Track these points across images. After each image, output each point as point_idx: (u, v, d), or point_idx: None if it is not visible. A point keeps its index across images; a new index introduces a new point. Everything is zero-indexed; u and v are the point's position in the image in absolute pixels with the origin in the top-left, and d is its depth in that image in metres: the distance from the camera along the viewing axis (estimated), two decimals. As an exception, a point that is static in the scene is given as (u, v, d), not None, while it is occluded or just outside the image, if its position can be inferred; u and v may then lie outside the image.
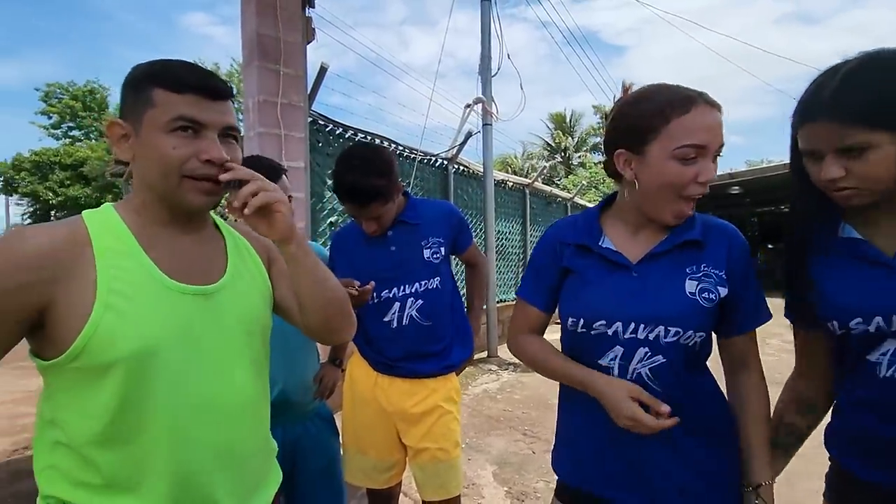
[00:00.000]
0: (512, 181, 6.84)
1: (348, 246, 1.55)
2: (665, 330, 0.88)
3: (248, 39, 3.04)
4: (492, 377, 4.81)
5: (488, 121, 5.29)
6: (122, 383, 0.69)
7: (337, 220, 3.79)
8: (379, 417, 1.50)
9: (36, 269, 0.66)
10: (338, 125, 3.85)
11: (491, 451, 3.01)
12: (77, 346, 0.67)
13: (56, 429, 0.72)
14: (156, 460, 0.71)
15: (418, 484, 1.52)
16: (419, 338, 1.48)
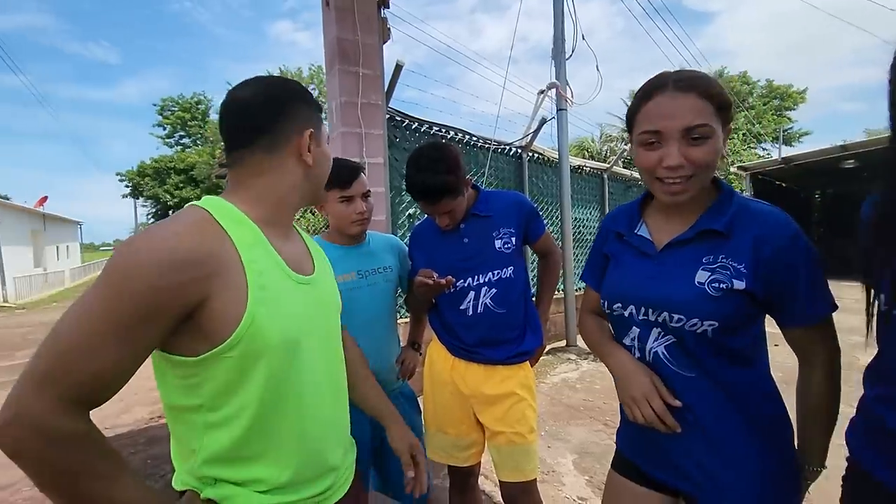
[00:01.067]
0: (589, 166, 6.61)
1: (425, 240, 1.64)
2: (669, 316, 0.92)
3: (330, 45, 3.23)
4: (571, 366, 4.74)
5: (563, 106, 5.14)
6: (269, 371, 0.76)
7: (415, 213, 3.93)
8: (456, 398, 1.58)
9: (197, 264, 0.69)
10: (413, 120, 3.97)
11: (571, 441, 3.00)
12: (237, 336, 0.71)
13: (209, 413, 0.75)
14: (288, 432, 0.80)
15: (495, 464, 1.57)
16: (493, 325, 1.53)
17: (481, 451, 1.66)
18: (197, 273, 0.69)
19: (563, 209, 5.28)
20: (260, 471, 0.78)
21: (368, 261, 1.57)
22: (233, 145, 0.84)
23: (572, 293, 5.41)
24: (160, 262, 0.66)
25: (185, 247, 0.69)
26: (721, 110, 0.87)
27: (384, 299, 1.58)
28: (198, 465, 0.76)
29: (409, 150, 3.92)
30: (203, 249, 0.70)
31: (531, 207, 1.62)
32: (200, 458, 0.76)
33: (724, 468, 0.93)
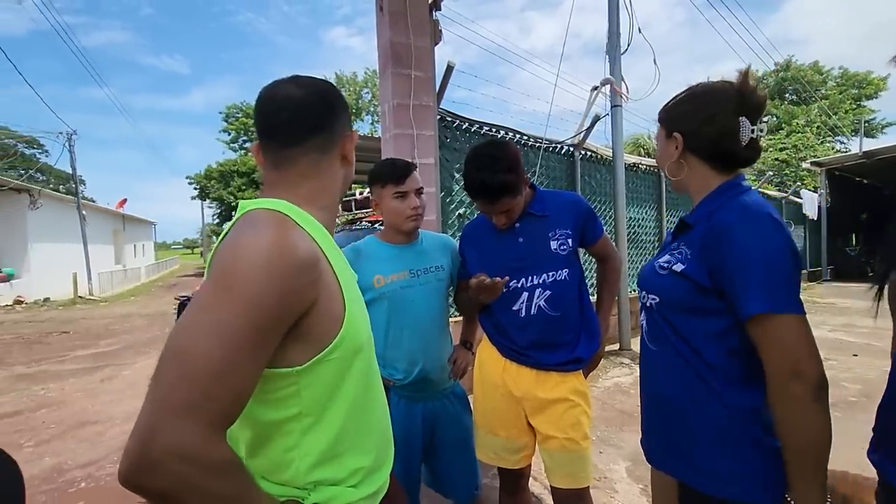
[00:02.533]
0: (645, 164, 6.37)
1: (477, 238, 1.63)
2: (639, 291, 1.12)
3: (383, 49, 3.31)
4: (624, 370, 4.59)
5: (617, 102, 4.98)
6: (363, 364, 0.78)
7: (465, 213, 3.94)
8: (507, 401, 1.55)
9: (313, 266, 0.68)
10: (464, 120, 3.99)
11: (624, 447, 2.91)
12: (340, 337, 0.72)
13: (306, 418, 0.73)
14: (371, 420, 0.82)
15: (547, 469, 1.54)
16: (547, 328, 1.49)
17: (532, 454, 1.62)
18: (312, 276, 0.68)
19: (617, 208, 5.11)
20: (353, 462, 0.78)
21: (421, 260, 1.58)
22: (284, 144, 0.80)
23: (626, 296, 5.23)
24: (289, 267, 0.64)
25: (303, 250, 0.67)
26: (662, 123, 1.10)
27: (436, 298, 1.59)
28: (301, 473, 0.73)
29: (459, 150, 3.95)
30: (312, 253, 0.69)
31: (588, 208, 1.57)
32: (302, 466, 0.73)
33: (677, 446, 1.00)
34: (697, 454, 0.96)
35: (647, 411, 1.12)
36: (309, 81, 0.84)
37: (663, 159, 1.10)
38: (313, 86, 0.83)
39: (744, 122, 0.96)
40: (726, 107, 0.97)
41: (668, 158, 1.07)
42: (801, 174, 16.11)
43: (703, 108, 1.00)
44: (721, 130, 0.97)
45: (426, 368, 1.52)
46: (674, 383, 1.00)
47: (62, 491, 2.68)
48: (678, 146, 1.04)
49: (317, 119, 0.81)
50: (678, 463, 1.01)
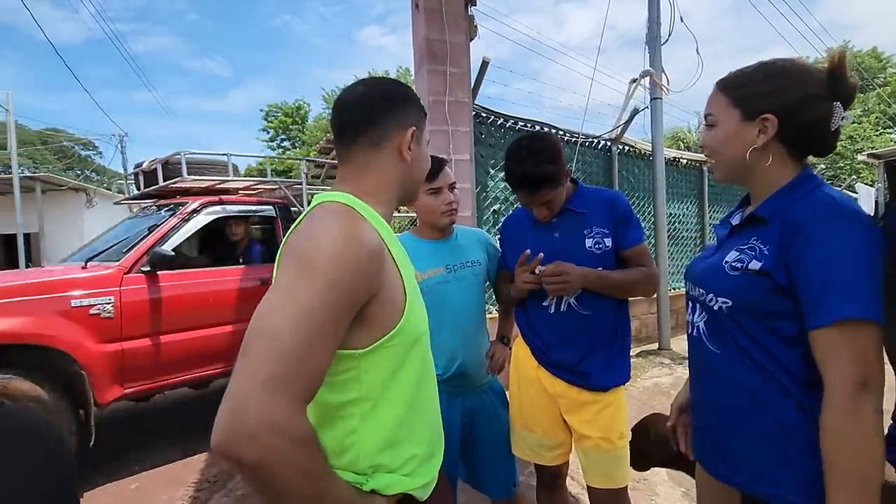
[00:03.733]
0: (686, 158, 6.15)
1: (515, 231, 1.62)
2: (696, 290, 0.99)
3: (419, 46, 3.33)
4: (664, 370, 4.47)
5: (657, 94, 4.83)
6: (421, 353, 0.81)
7: (500, 209, 3.93)
8: (542, 398, 1.53)
9: (378, 258, 0.72)
10: (499, 116, 3.96)
11: (664, 449, 2.83)
12: (402, 325, 0.75)
13: (365, 403, 0.75)
14: (426, 410, 0.84)
15: (583, 468, 1.52)
16: (576, 327, 1.46)
17: (569, 452, 1.60)
18: (378, 264, 0.72)
19: (657, 204, 4.97)
20: (409, 450, 0.79)
21: (457, 255, 1.59)
22: (342, 141, 0.86)
23: (666, 294, 5.08)
24: (361, 253, 0.69)
25: (370, 239, 0.72)
26: (738, 103, 0.93)
27: (473, 293, 1.59)
28: (360, 459, 0.75)
29: (494, 146, 3.93)
30: (378, 243, 0.74)
31: (626, 209, 1.50)
32: (362, 451, 0.75)
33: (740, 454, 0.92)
34: (773, 464, 0.87)
35: (705, 419, 1.00)
36: (374, 81, 0.90)
37: (735, 146, 0.93)
38: (376, 85, 0.89)
39: (837, 108, 0.87)
40: (822, 89, 0.87)
41: (743, 144, 0.91)
42: (857, 167, 15.19)
43: (800, 87, 0.88)
44: (817, 115, 0.87)
45: (465, 363, 1.53)
46: (744, 390, 0.90)
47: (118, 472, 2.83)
48: (766, 130, 0.89)
49: (367, 116, 0.85)
50: (744, 474, 0.91)
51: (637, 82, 4.86)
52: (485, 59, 3.57)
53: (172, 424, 3.67)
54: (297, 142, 28.98)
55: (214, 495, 2.54)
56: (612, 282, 1.44)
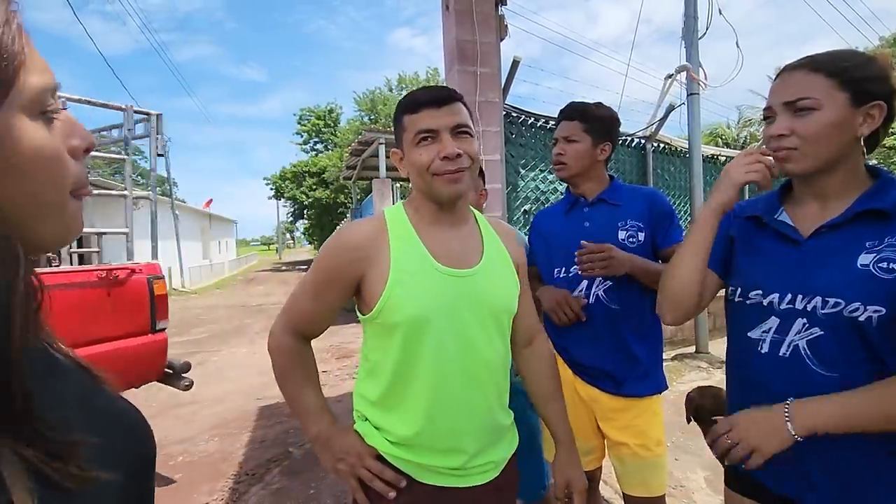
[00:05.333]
0: (725, 155, 5.95)
1: (546, 222, 1.61)
2: (823, 301, 0.83)
3: (449, 47, 3.34)
4: (701, 374, 4.33)
5: (694, 90, 4.68)
6: (403, 339, 0.91)
7: (530, 209, 3.90)
8: (575, 401, 1.49)
9: (358, 249, 0.93)
10: (529, 115, 3.94)
11: (702, 455, 2.75)
12: (378, 308, 0.91)
13: (368, 362, 1.01)
14: (416, 397, 0.94)
15: (618, 475, 1.48)
16: (605, 321, 1.42)
17: (602, 457, 1.57)
18: (359, 255, 0.93)
19: (694, 203, 4.82)
20: (391, 422, 0.96)
21: None
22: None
23: (703, 295, 4.92)
24: (340, 246, 0.96)
25: (356, 236, 0.95)
26: (847, 86, 0.83)
27: None
28: (356, 401, 1.04)
29: (525, 145, 3.90)
30: (365, 239, 0.94)
31: (666, 207, 1.47)
32: (357, 395, 1.04)
33: (860, 481, 0.81)
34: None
35: (812, 452, 0.84)
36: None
37: (839, 134, 0.84)
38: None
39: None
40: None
41: (848, 133, 0.83)
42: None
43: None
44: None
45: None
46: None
47: (163, 463, 2.97)
48: (873, 118, 0.82)
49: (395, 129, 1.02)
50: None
51: (673, 78, 4.73)
52: (515, 58, 3.55)
53: (213, 419, 3.81)
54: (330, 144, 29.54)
55: (252, 488, 2.63)
56: (657, 273, 1.37)
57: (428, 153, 0.92)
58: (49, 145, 0.38)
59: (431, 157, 0.91)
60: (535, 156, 3.96)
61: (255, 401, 4.19)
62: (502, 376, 1.03)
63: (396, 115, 0.99)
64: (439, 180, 0.92)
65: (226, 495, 2.56)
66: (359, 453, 0.96)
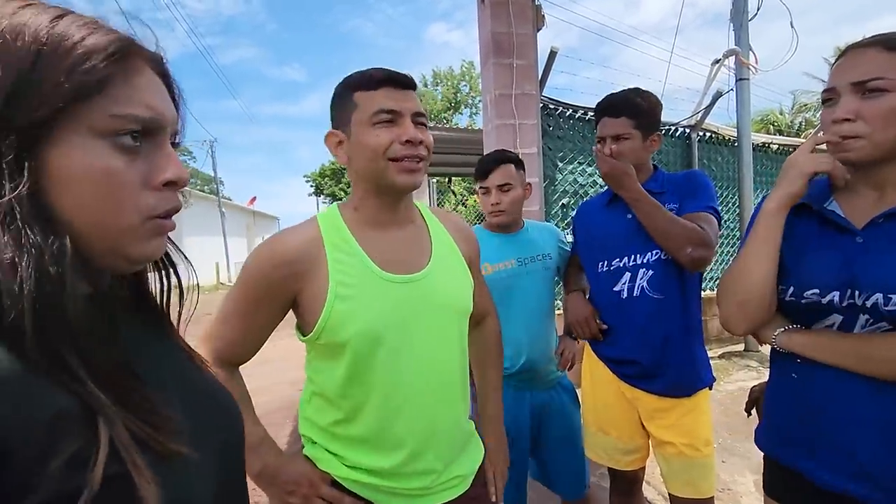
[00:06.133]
0: (778, 143, 5.62)
1: (588, 214, 1.58)
2: (885, 298, 0.78)
3: (485, 40, 3.31)
4: (751, 374, 4.14)
5: (744, 75, 4.44)
6: (350, 359, 0.82)
7: (569, 202, 3.83)
8: (619, 399, 1.46)
9: (290, 263, 0.82)
10: (567, 107, 3.85)
11: (751, 458, 2.63)
12: (318, 328, 0.81)
13: (313, 384, 0.91)
14: (370, 422, 0.85)
15: (663, 475, 1.44)
16: (650, 312, 1.37)
17: (646, 457, 1.52)
18: (291, 270, 0.82)
19: (743, 194, 4.59)
20: (344, 450, 0.88)
21: (528, 248, 1.57)
22: None
23: (753, 291, 4.69)
24: (271, 261, 0.83)
25: (286, 250, 0.83)
26: None
27: (543, 287, 1.58)
28: (302, 425, 0.95)
29: (563, 138, 3.83)
30: (297, 254, 0.83)
31: (695, 182, 1.39)
32: (304, 419, 0.95)
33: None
34: None
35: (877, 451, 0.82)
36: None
37: None
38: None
39: None
40: None
41: None
42: None
43: None
44: None
45: (532, 358, 1.51)
46: None
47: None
48: None
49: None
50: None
51: (720, 63, 4.50)
52: (553, 48, 3.48)
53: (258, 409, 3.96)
54: (367, 141, 29.97)
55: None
56: (650, 204, 1.30)
57: (387, 135, 0.82)
58: (106, 167, 0.40)
59: (390, 139, 0.82)
60: (574, 148, 3.88)
61: (297, 391, 4.32)
62: (463, 380, 0.96)
63: (341, 91, 0.87)
64: (395, 167, 0.83)
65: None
66: (311, 482, 0.87)
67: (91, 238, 0.41)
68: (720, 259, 4.87)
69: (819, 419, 0.87)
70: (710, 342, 4.75)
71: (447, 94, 27.75)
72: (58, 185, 0.39)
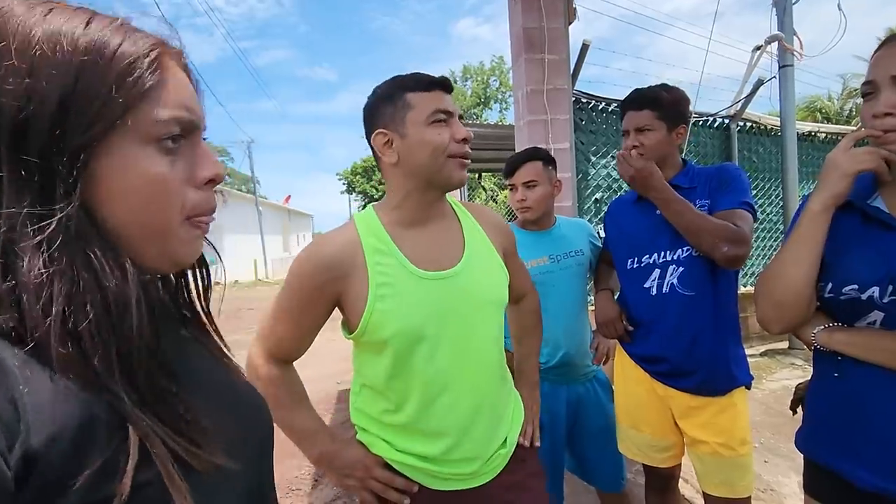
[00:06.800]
0: (825, 131, 5.36)
1: (618, 211, 1.57)
2: None
3: (516, 36, 3.31)
4: (795, 372, 3.99)
5: (788, 61, 4.25)
6: (392, 355, 0.88)
7: (602, 197, 3.78)
8: (651, 396, 1.44)
9: (331, 268, 0.87)
10: (600, 100, 3.80)
11: (795, 459, 2.53)
12: (361, 328, 0.87)
13: (361, 376, 0.99)
14: (414, 411, 0.91)
15: (697, 473, 1.41)
16: (680, 310, 1.34)
17: (682, 454, 1.50)
18: (332, 275, 0.88)
19: (787, 186, 4.41)
20: (390, 433, 0.94)
21: (560, 245, 1.59)
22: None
23: (798, 286, 4.50)
24: (313, 265, 0.89)
25: (327, 254, 0.89)
26: None
27: (577, 283, 1.59)
28: (354, 415, 1.02)
29: (595, 132, 3.78)
30: (338, 257, 0.88)
31: (726, 176, 1.36)
32: (355, 409, 1.02)
33: None
34: None
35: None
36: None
37: None
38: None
39: None
40: None
41: None
42: None
43: None
44: None
45: (569, 353, 1.53)
46: None
47: (256, 438, 3.27)
48: None
49: (366, 131, 0.96)
50: None
51: (762, 49, 4.32)
52: (585, 42, 3.44)
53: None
54: (397, 138, 30.27)
55: (335, 465, 2.82)
56: (680, 203, 1.27)
57: (445, 133, 0.87)
58: (155, 171, 0.40)
59: (447, 137, 0.87)
60: (607, 142, 3.83)
61: (336, 384, 4.46)
62: (501, 365, 1.02)
63: (392, 92, 0.90)
64: (454, 163, 0.89)
65: (312, 469, 2.78)
66: (365, 465, 0.93)
67: (140, 244, 0.41)
68: (763, 254, 4.70)
69: (860, 418, 0.86)
70: (752, 339, 4.60)
71: (477, 89, 27.64)
72: (109, 196, 0.39)
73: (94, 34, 0.38)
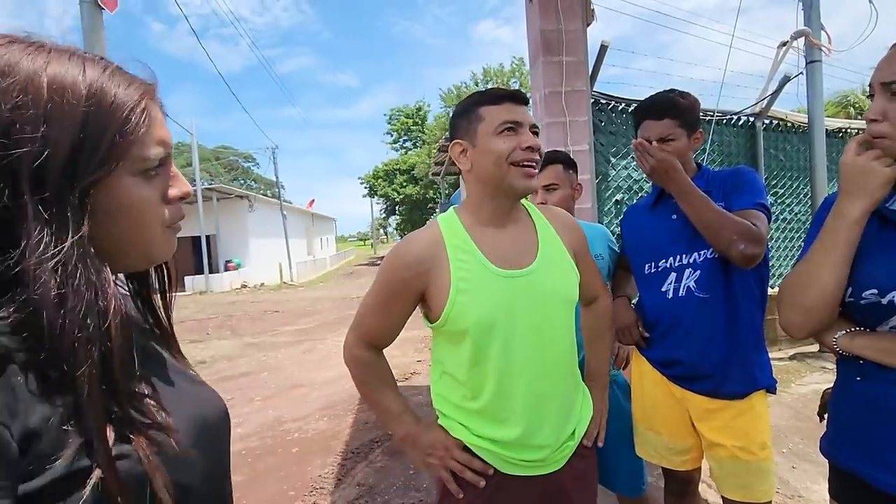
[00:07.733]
0: (856, 127, 5.19)
1: (634, 217, 1.58)
2: None
3: (533, 39, 3.32)
4: (825, 376, 3.88)
5: (815, 56, 4.14)
6: (471, 345, 0.97)
7: (622, 199, 3.75)
8: (668, 399, 1.44)
9: (418, 264, 0.98)
10: (619, 101, 3.78)
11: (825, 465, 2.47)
12: (444, 318, 0.97)
13: (441, 364, 1.08)
14: (491, 398, 0.99)
15: (714, 477, 1.40)
16: (696, 313, 1.34)
17: (700, 457, 1.48)
18: (418, 271, 0.98)
19: (816, 185, 4.28)
20: (468, 418, 1.03)
21: None
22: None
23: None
24: (399, 263, 1.00)
25: (413, 253, 0.99)
26: None
27: None
28: (435, 400, 1.10)
29: (615, 133, 3.76)
30: (423, 255, 0.98)
31: (741, 178, 1.36)
32: (436, 395, 1.10)
33: None
34: None
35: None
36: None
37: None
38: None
39: None
40: None
41: None
42: None
43: None
44: None
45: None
46: None
47: (282, 437, 3.36)
48: None
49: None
50: None
51: (788, 45, 4.21)
52: (603, 42, 3.43)
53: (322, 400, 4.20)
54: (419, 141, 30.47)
55: (358, 465, 2.88)
56: (699, 197, 1.27)
57: (511, 142, 0.96)
58: (141, 197, 0.49)
59: (512, 146, 0.96)
60: (627, 143, 3.79)
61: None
62: (571, 360, 1.09)
63: (467, 107, 1.02)
64: (516, 171, 0.97)
65: (335, 469, 2.84)
66: (446, 447, 1.02)
67: (125, 254, 0.50)
68: (788, 254, 4.58)
69: (883, 422, 0.86)
70: (781, 342, 4.48)
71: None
72: (104, 222, 0.46)
73: (92, 82, 0.45)
